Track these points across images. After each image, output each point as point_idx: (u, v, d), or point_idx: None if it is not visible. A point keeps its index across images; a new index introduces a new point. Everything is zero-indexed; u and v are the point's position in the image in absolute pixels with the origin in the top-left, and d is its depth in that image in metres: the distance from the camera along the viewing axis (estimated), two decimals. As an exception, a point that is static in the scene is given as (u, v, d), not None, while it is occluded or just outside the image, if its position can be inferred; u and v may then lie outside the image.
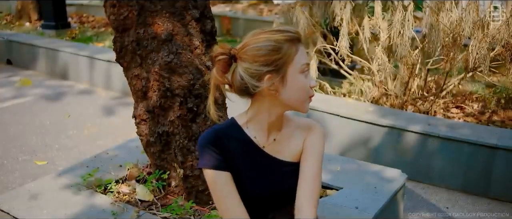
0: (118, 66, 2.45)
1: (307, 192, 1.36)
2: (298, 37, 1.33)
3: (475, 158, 3.28)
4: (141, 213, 2.22)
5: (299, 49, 1.32)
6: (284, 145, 1.42)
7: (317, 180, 1.38)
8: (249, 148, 1.39)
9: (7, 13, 9.78)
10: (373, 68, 4.16)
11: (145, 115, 2.38)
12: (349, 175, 2.64)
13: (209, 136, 1.37)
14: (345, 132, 3.74)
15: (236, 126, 1.40)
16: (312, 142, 1.42)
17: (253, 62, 1.29)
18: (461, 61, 3.85)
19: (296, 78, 1.32)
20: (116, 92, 5.54)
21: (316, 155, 1.41)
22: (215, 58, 1.33)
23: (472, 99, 4.44)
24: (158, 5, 2.21)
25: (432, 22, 3.60)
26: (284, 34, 1.30)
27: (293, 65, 1.31)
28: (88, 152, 3.71)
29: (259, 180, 1.39)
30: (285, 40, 1.30)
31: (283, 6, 4.73)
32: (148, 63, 2.26)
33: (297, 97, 1.34)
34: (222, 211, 1.37)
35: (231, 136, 1.38)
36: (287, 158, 1.42)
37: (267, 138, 1.40)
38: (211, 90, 1.35)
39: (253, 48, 1.29)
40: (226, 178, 1.35)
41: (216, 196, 1.37)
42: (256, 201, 1.40)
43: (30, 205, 2.30)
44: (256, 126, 1.39)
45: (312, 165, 1.39)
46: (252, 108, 1.39)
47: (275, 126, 1.40)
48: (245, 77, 1.29)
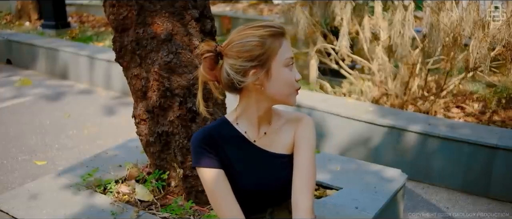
0: (118, 66, 2.45)
1: (303, 184, 1.37)
2: (282, 31, 1.35)
3: (475, 158, 3.28)
4: (141, 213, 2.22)
5: (283, 44, 1.34)
6: (275, 138, 1.44)
7: (311, 170, 1.39)
8: (241, 143, 1.41)
9: (7, 12, 9.78)
10: (373, 68, 4.15)
11: (144, 115, 2.37)
12: (349, 175, 2.63)
13: (201, 135, 1.40)
14: (345, 132, 3.73)
15: (227, 123, 1.43)
16: (303, 133, 1.44)
17: (237, 58, 1.32)
18: (461, 61, 3.84)
19: (280, 72, 1.34)
20: (116, 92, 5.54)
21: (308, 145, 1.42)
22: (201, 56, 1.37)
23: (473, 99, 4.43)
24: (157, 5, 2.21)
25: (432, 22, 3.59)
26: (267, 29, 1.33)
27: (277, 59, 1.33)
28: (88, 152, 3.71)
29: (253, 175, 1.41)
30: (268, 35, 1.32)
31: (283, 6, 4.72)
32: (147, 63, 2.26)
33: (283, 91, 1.36)
34: (217, 209, 1.38)
35: (223, 133, 1.41)
36: (278, 150, 1.44)
37: (258, 132, 1.42)
38: (199, 86, 1.40)
39: (238, 44, 1.32)
40: (219, 176, 1.37)
41: (210, 194, 1.38)
42: (252, 196, 1.41)
43: (29, 205, 2.30)
44: (246, 121, 1.42)
45: (305, 155, 1.41)
46: (240, 104, 1.42)
47: (265, 120, 1.43)
48: (231, 73, 1.32)
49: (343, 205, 2.31)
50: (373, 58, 4.13)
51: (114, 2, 2.26)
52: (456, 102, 4.35)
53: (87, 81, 5.89)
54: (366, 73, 4.42)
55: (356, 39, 4.47)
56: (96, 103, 5.22)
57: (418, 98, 4.17)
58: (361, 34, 4.15)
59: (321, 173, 2.61)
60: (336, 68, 4.46)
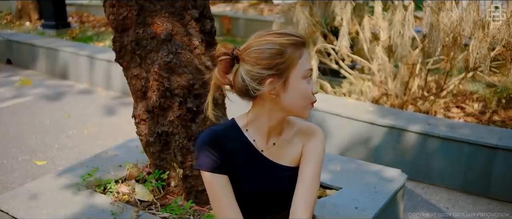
0: (118, 66, 2.45)
1: (303, 196, 1.34)
2: (303, 41, 1.30)
3: (475, 158, 3.28)
4: (141, 213, 2.22)
5: (303, 54, 1.30)
6: (284, 150, 1.40)
7: (314, 185, 1.37)
8: (248, 151, 1.38)
9: (7, 12, 9.79)
10: (373, 68, 4.15)
11: (144, 115, 2.37)
12: (348, 175, 2.63)
13: (208, 137, 1.35)
14: (345, 132, 3.73)
15: (236, 128, 1.38)
16: (312, 147, 1.40)
17: (255, 65, 1.26)
18: (461, 61, 3.84)
19: (298, 83, 1.29)
20: (116, 92, 5.54)
21: (315, 160, 1.39)
22: (217, 58, 1.31)
23: (473, 99, 4.43)
24: (157, 5, 2.21)
25: (432, 22, 3.59)
26: (288, 38, 1.27)
27: (296, 70, 1.28)
28: (88, 152, 3.71)
29: (256, 183, 1.38)
30: (289, 44, 1.27)
31: (284, 6, 4.72)
32: (147, 63, 2.26)
33: (298, 103, 1.31)
34: (216, 212, 1.36)
35: (230, 138, 1.36)
36: (286, 162, 1.40)
37: (267, 142, 1.38)
38: (211, 89, 1.33)
39: (256, 50, 1.27)
40: (222, 180, 1.34)
41: (211, 197, 1.36)
42: (253, 202, 1.39)
43: (29, 205, 2.30)
44: (255, 129, 1.37)
45: (310, 169, 1.38)
46: (252, 111, 1.36)
47: (276, 130, 1.38)
48: (247, 79, 1.27)
49: (343, 205, 2.31)
50: (373, 58, 4.13)
51: (114, 2, 2.27)
52: (456, 102, 4.35)
53: (87, 81, 5.89)
54: (366, 73, 4.42)
55: (356, 39, 4.47)
56: (96, 103, 5.22)
57: (418, 98, 4.17)
58: (361, 34, 4.15)
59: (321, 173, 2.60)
60: (336, 68, 4.46)
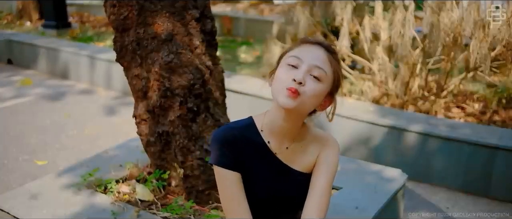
0: (118, 66, 2.45)
1: (315, 206, 1.34)
2: (315, 41, 1.33)
3: (476, 158, 3.28)
4: (141, 213, 2.22)
5: (302, 46, 1.31)
6: (298, 155, 1.40)
7: (326, 195, 1.36)
8: (262, 152, 1.37)
9: (8, 12, 9.79)
10: (373, 68, 4.15)
11: (145, 115, 2.38)
12: (349, 175, 2.64)
13: (225, 133, 1.35)
14: (346, 132, 3.73)
15: (253, 126, 1.38)
16: (327, 156, 1.40)
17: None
18: (462, 61, 3.85)
19: (280, 69, 1.30)
20: (117, 92, 5.54)
21: (329, 169, 1.39)
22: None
23: (473, 99, 4.43)
24: (158, 5, 2.21)
25: (433, 22, 3.59)
26: (308, 39, 1.34)
27: (286, 57, 1.31)
28: (88, 151, 3.70)
29: (268, 185, 1.38)
30: (302, 42, 1.33)
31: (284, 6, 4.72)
32: (148, 63, 2.26)
33: (274, 87, 1.30)
34: (226, 210, 1.35)
35: (246, 137, 1.36)
36: (299, 168, 1.40)
37: (280, 145, 1.38)
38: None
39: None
40: (234, 178, 1.33)
41: (222, 194, 1.35)
42: (263, 204, 1.39)
43: (30, 205, 2.30)
44: (270, 131, 1.37)
45: (324, 179, 1.37)
46: (269, 111, 1.37)
47: (290, 134, 1.37)
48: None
49: (343, 205, 2.32)
50: (374, 58, 4.13)
51: (115, 2, 2.27)
52: (456, 102, 4.35)
53: (87, 81, 5.89)
54: (367, 73, 4.42)
55: (356, 39, 4.47)
56: (96, 103, 5.22)
57: (419, 98, 4.17)
58: (362, 34, 4.15)
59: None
60: (336, 68, 4.45)
